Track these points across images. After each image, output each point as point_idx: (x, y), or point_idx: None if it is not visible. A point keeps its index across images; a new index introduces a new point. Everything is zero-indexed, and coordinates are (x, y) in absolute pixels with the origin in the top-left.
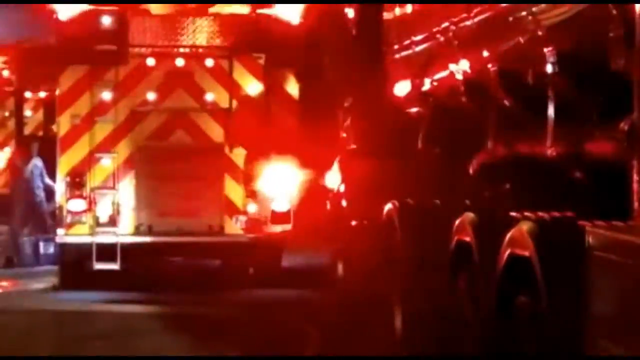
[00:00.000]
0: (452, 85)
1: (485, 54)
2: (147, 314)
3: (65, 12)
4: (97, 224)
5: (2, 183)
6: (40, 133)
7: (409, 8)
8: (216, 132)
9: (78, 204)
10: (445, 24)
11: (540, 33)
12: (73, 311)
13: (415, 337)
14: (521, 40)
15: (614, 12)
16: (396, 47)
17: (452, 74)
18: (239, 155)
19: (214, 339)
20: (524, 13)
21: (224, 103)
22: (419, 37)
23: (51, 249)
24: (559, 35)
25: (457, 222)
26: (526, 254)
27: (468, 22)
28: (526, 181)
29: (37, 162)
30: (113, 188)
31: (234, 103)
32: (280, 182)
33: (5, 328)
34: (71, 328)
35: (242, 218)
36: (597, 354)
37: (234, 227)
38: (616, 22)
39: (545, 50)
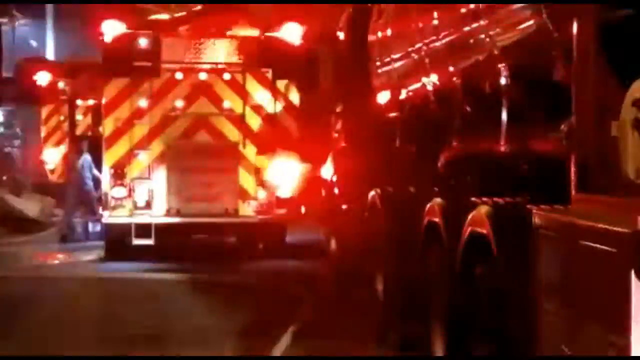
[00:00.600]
0: (423, 94)
1: (451, 68)
2: (175, 281)
3: (109, 34)
4: (135, 207)
5: (59, 174)
6: (89, 133)
7: (389, 32)
8: (232, 132)
9: (120, 191)
10: (418, 45)
11: (495, 52)
12: (115, 278)
13: (394, 299)
14: (480, 57)
15: (556, 34)
16: (378, 64)
17: (423, 85)
18: (250, 151)
19: (230, 300)
20: (482, 35)
21: (239, 109)
22: (396, 56)
23: (98, 228)
24: (511, 53)
25: (427, 205)
26: (484, 231)
27: (436, 44)
28: (484, 173)
29: (86, 157)
30: (148, 178)
31: (247, 109)
32: (284, 174)
33: (62, 290)
34: (114, 291)
35: (253, 203)
36: (540, 311)
37: (247, 210)
38: (557, 43)
39: (499, 65)
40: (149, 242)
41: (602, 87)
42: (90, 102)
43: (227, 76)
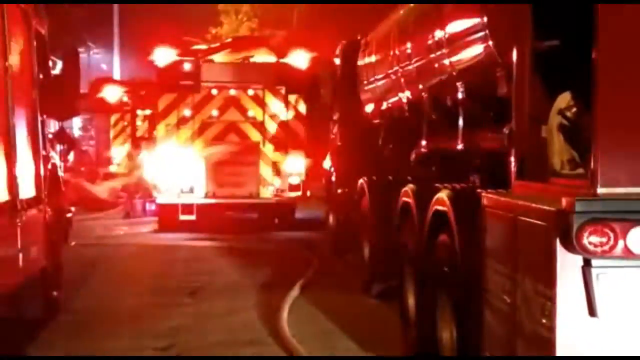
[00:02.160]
0: (398, 106)
1: (420, 86)
2: (212, 247)
3: (161, 61)
4: (182, 191)
5: (124, 166)
6: (146, 136)
7: (372, 59)
8: (254, 135)
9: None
10: (395, 68)
11: (454, 73)
12: (166, 245)
13: (376, 261)
14: (442, 77)
15: (500, 60)
16: (364, 82)
17: (399, 99)
18: (268, 149)
19: (253, 262)
20: (443, 60)
21: (260, 117)
22: (378, 77)
23: (153, 207)
24: (466, 74)
25: (402, 190)
26: (445, 209)
27: (409, 67)
28: (445, 165)
29: (145, 153)
30: (191, 170)
31: (266, 117)
32: (294, 166)
33: (125, 254)
34: (165, 254)
35: (271, 188)
36: (487, 270)
37: (266, 193)
38: (501, 66)
39: (457, 83)
40: (192, 217)
41: (535, 99)
42: (147, 111)
43: (250, 92)
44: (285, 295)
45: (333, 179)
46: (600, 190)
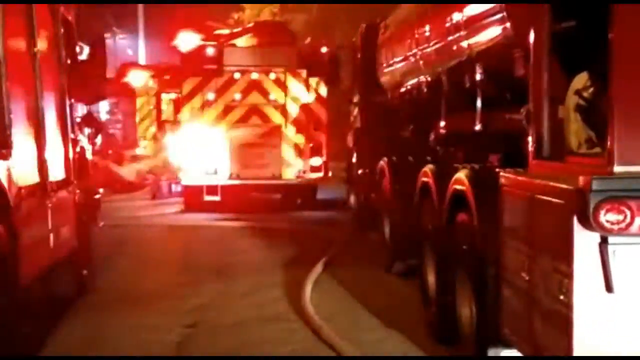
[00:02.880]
0: (417, 88)
1: (438, 68)
2: (236, 226)
3: (185, 46)
4: (206, 173)
5: (150, 149)
6: (171, 119)
7: (391, 42)
8: (277, 117)
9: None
10: (413, 51)
11: (472, 54)
12: (192, 225)
13: (397, 240)
14: (460, 59)
15: (518, 41)
16: (384, 65)
17: (417, 81)
18: (290, 131)
19: (276, 241)
20: (462, 42)
21: (281, 100)
22: (397, 59)
23: (179, 188)
24: (484, 56)
25: (422, 170)
26: (463, 189)
27: (427, 49)
28: (464, 145)
29: (170, 135)
30: (215, 152)
31: (288, 100)
32: (316, 148)
33: (152, 233)
34: (190, 234)
35: (293, 169)
36: (505, 248)
37: (288, 174)
38: (519, 48)
39: (475, 64)
40: (216, 198)
41: (552, 80)
42: (172, 95)
43: (272, 75)
44: (309, 273)
45: (354, 160)
46: (617, 168)
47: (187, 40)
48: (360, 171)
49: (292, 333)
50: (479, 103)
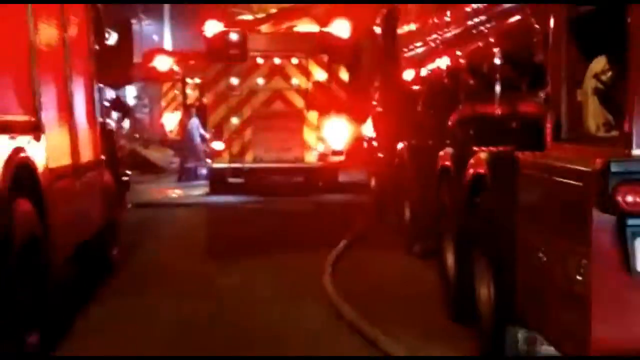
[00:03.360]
0: (437, 72)
1: (458, 52)
2: (259, 208)
3: (210, 32)
4: (231, 156)
5: (175, 133)
6: (197, 103)
7: (412, 26)
8: (299, 102)
9: (219, 145)
10: (434, 36)
11: (491, 39)
12: (217, 206)
13: (417, 222)
14: (480, 43)
15: (537, 26)
16: (404, 50)
17: (437, 66)
18: (312, 115)
19: (299, 221)
20: (481, 27)
21: (304, 85)
22: (418, 44)
23: (204, 171)
24: (503, 40)
25: (441, 153)
26: (482, 171)
27: (447, 34)
28: (483, 128)
29: (195, 120)
30: (239, 135)
31: (309, 85)
32: (337, 132)
33: (178, 214)
34: (215, 215)
35: (315, 153)
36: (523, 229)
37: (310, 158)
38: (538, 33)
39: (494, 49)
40: (241, 180)
41: (570, 64)
42: (197, 80)
43: (295, 60)
44: (330, 253)
45: (374, 143)
46: (635, 151)
47: (211, 27)
48: (380, 155)
49: (314, 312)
50: (498, 87)
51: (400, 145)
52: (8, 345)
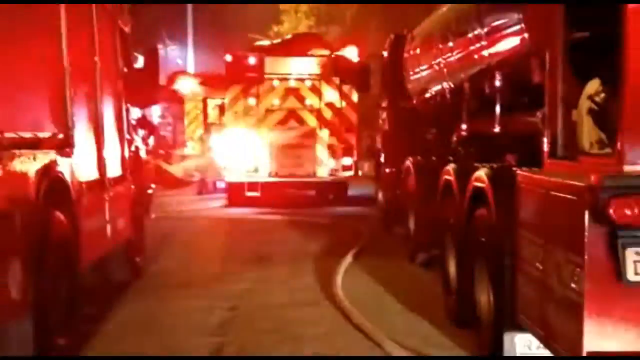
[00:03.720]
0: (441, 93)
1: (461, 75)
2: (274, 219)
3: (230, 57)
4: (247, 171)
5: (197, 149)
6: (217, 122)
7: (417, 51)
8: (312, 121)
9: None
10: (437, 60)
11: (492, 62)
12: (234, 218)
13: (421, 233)
14: (482, 67)
15: (535, 50)
16: (410, 73)
17: (442, 87)
18: (324, 133)
19: (311, 233)
20: (483, 51)
21: (316, 105)
22: (422, 67)
23: (222, 185)
24: (503, 63)
25: (444, 169)
26: (483, 186)
27: (450, 58)
28: (484, 146)
29: (216, 137)
30: (256, 152)
31: (322, 105)
32: (347, 149)
33: (198, 225)
34: (234, 226)
35: (326, 168)
36: (521, 240)
37: (322, 173)
38: (536, 56)
39: (495, 71)
40: (257, 194)
41: (566, 85)
42: (218, 100)
43: (308, 83)
44: (340, 262)
45: (382, 159)
46: (626, 167)
47: (231, 53)
48: (387, 170)
49: (324, 316)
50: (497, 107)
51: (406, 162)
52: (41, 343)
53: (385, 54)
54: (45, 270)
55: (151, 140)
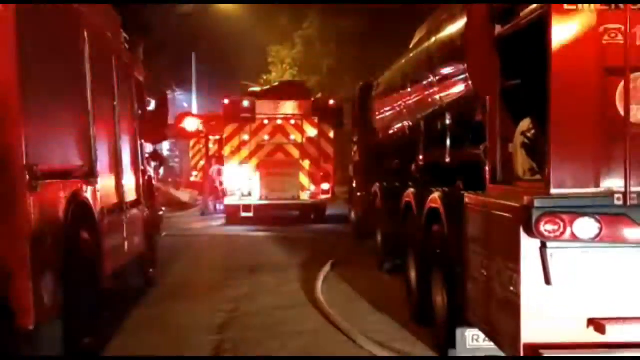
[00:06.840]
0: (402, 129)
1: (418, 115)
2: (264, 236)
3: (227, 100)
4: (242, 195)
5: (200, 177)
6: (217, 154)
7: (382, 95)
8: (296, 153)
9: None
10: (399, 102)
11: (443, 105)
12: (232, 234)
13: (387, 245)
14: (434, 108)
15: (477, 95)
16: (376, 113)
17: (402, 124)
18: (306, 163)
19: (295, 246)
20: (435, 96)
21: (299, 140)
22: (386, 109)
23: (222, 207)
24: (453, 106)
25: (405, 192)
26: (437, 206)
27: (409, 101)
28: (437, 174)
29: (215, 167)
30: (249, 179)
31: (304, 140)
32: (325, 176)
33: (202, 241)
34: (231, 242)
35: (308, 192)
36: (468, 252)
37: (304, 196)
38: (479, 100)
39: (446, 113)
40: (250, 214)
41: (503, 124)
42: (217, 137)
43: (292, 122)
44: (320, 271)
45: (354, 185)
46: (553, 190)
47: (226, 99)
48: (359, 193)
49: (308, 317)
50: (448, 141)
51: (374, 186)
52: (69, 342)
53: (356, 97)
54: (73, 280)
55: (162, 170)
